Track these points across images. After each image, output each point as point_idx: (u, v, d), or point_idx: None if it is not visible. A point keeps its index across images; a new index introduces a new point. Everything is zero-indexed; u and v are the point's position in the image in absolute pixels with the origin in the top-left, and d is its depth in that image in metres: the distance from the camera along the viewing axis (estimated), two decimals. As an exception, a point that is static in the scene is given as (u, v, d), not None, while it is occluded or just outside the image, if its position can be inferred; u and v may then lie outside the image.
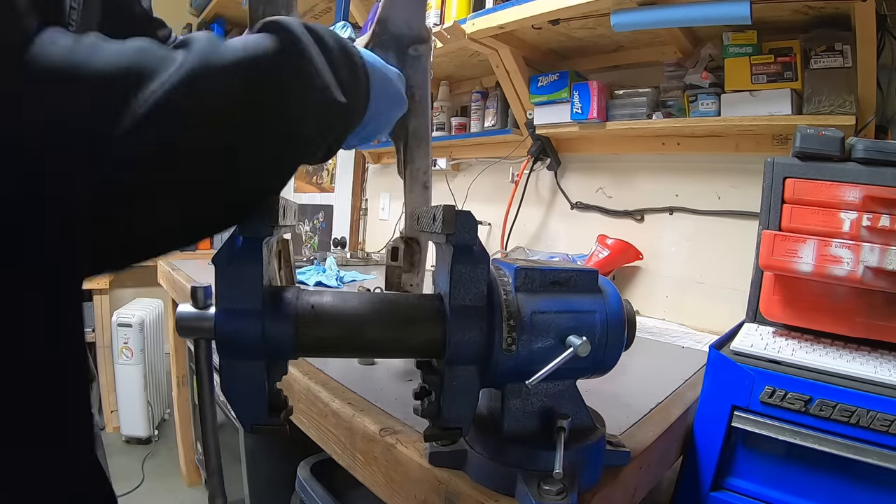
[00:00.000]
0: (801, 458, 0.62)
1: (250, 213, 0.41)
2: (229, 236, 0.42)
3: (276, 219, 0.42)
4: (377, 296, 0.48)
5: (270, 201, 0.42)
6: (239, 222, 0.41)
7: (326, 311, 0.46)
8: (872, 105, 1.01)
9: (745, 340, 0.71)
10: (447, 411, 0.46)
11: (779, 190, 0.82)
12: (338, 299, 0.47)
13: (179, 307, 0.42)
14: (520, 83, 1.50)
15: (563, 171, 1.64)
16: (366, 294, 0.48)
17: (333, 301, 0.46)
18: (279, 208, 0.42)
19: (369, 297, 0.48)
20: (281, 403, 0.47)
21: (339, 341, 0.46)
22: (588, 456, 0.50)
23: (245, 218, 0.41)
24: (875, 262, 0.68)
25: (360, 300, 0.47)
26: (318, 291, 0.48)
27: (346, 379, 0.75)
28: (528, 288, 0.49)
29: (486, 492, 0.49)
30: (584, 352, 0.45)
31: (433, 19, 1.57)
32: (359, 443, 0.63)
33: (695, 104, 1.20)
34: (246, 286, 0.42)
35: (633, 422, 0.65)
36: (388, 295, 0.49)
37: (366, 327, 0.46)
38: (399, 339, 0.47)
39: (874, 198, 0.74)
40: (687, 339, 1.13)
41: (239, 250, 0.41)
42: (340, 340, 0.46)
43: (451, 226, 0.43)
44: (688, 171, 1.36)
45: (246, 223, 0.41)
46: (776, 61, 1.08)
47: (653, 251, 1.41)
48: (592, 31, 1.32)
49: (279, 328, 0.43)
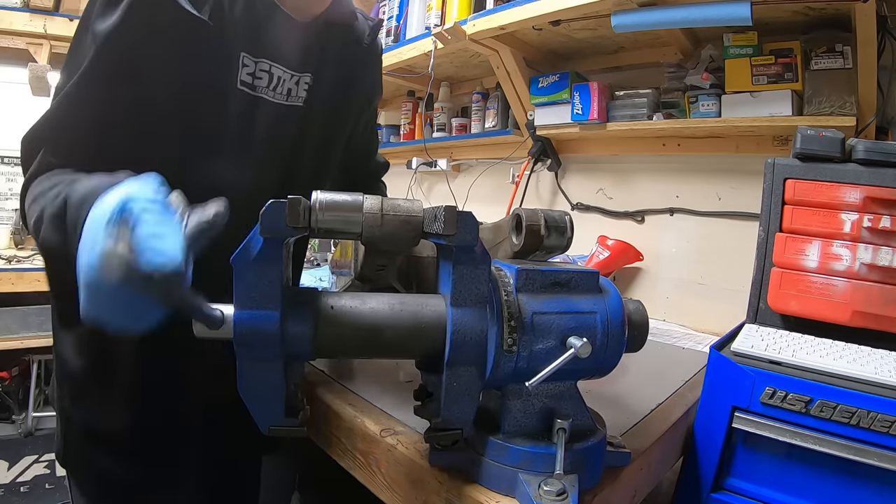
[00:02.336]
0: (802, 459, 0.62)
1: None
2: (248, 237, 0.42)
3: (297, 220, 0.41)
4: (394, 297, 0.48)
5: (292, 202, 0.41)
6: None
7: (346, 312, 0.45)
8: (873, 106, 1.01)
9: (745, 341, 0.71)
10: (448, 412, 0.46)
11: (779, 191, 0.82)
12: (356, 301, 0.46)
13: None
14: (520, 84, 1.50)
15: (564, 172, 1.64)
16: (383, 295, 0.48)
17: (352, 302, 0.46)
18: (300, 210, 0.41)
19: (387, 299, 0.47)
20: (298, 405, 0.47)
21: (357, 342, 0.46)
22: (589, 457, 0.50)
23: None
24: (870, 259, 0.73)
25: (377, 301, 0.47)
26: (337, 293, 0.48)
27: (346, 379, 0.75)
28: (528, 289, 0.49)
29: (486, 493, 0.49)
30: (584, 353, 0.45)
31: (434, 20, 1.57)
32: (359, 443, 0.63)
33: (695, 105, 1.20)
34: (266, 287, 0.41)
35: (633, 423, 0.65)
36: (402, 296, 0.48)
37: (384, 328, 0.46)
38: (416, 339, 0.47)
39: (875, 199, 0.75)
40: (687, 340, 1.13)
41: (259, 251, 0.41)
42: (359, 342, 0.46)
43: (453, 227, 0.43)
44: (688, 172, 1.36)
45: (265, 224, 0.40)
46: (777, 62, 1.08)
47: (653, 252, 1.41)
48: (593, 31, 1.33)
49: (298, 329, 0.43)
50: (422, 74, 1.67)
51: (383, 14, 1.81)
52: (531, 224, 0.54)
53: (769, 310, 0.82)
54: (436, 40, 1.47)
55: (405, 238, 0.46)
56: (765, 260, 0.83)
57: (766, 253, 0.83)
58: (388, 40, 1.77)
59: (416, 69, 1.70)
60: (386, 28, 1.78)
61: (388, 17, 1.78)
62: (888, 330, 0.72)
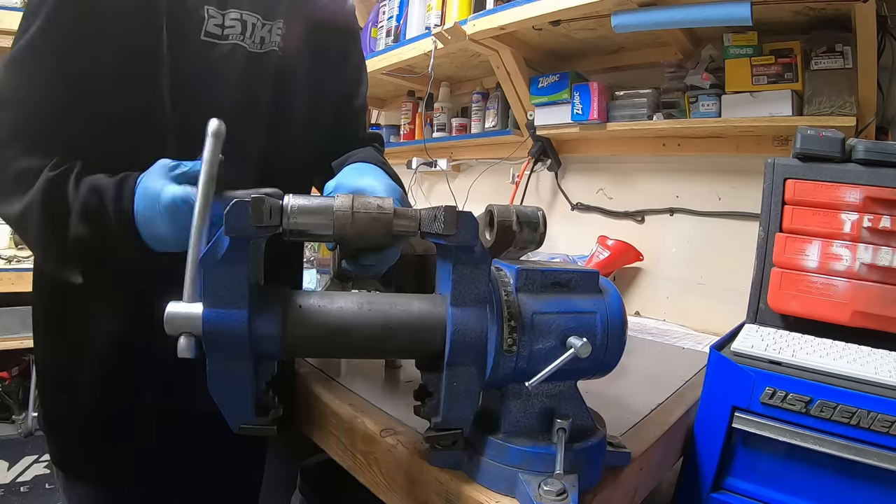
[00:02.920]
0: (802, 459, 0.62)
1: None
2: (216, 236, 0.42)
3: (260, 219, 0.41)
4: (366, 296, 0.48)
5: (255, 201, 0.41)
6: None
7: (314, 311, 0.45)
8: (873, 106, 1.01)
9: (745, 341, 0.71)
10: (448, 412, 0.46)
11: (779, 191, 0.82)
12: (325, 300, 0.46)
13: (169, 304, 0.42)
14: (520, 84, 1.50)
15: (564, 172, 1.64)
16: (353, 294, 0.48)
17: (321, 301, 0.46)
18: (265, 209, 0.42)
19: (356, 298, 0.47)
20: (269, 403, 0.47)
21: (325, 342, 0.46)
22: (589, 457, 0.50)
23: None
24: (870, 259, 0.73)
25: (347, 301, 0.47)
26: (307, 292, 0.47)
27: (346, 379, 0.75)
28: (529, 289, 0.49)
29: (486, 493, 0.49)
30: (584, 353, 0.45)
31: (434, 20, 1.57)
32: (359, 444, 0.63)
33: (695, 105, 1.20)
34: (233, 286, 0.42)
35: (633, 423, 0.65)
36: (373, 296, 0.48)
37: (351, 329, 0.46)
38: (385, 339, 0.46)
39: (875, 199, 0.75)
40: (687, 340, 1.13)
41: (226, 250, 0.41)
42: (327, 341, 0.46)
43: (453, 227, 0.43)
44: (688, 172, 1.36)
45: (230, 224, 0.41)
46: (777, 62, 1.08)
47: (653, 252, 1.41)
48: (593, 31, 1.33)
49: (266, 328, 0.43)
50: (422, 74, 1.67)
51: (383, 14, 1.81)
52: (503, 220, 0.53)
53: (769, 310, 0.82)
54: (436, 40, 1.47)
55: (376, 235, 0.47)
56: (765, 260, 0.84)
57: (766, 253, 0.83)
58: (388, 40, 1.77)
59: (416, 69, 1.70)
60: (386, 28, 1.79)
61: (388, 17, 1.78)
62: (888, 330, 0.72)
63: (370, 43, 1.87)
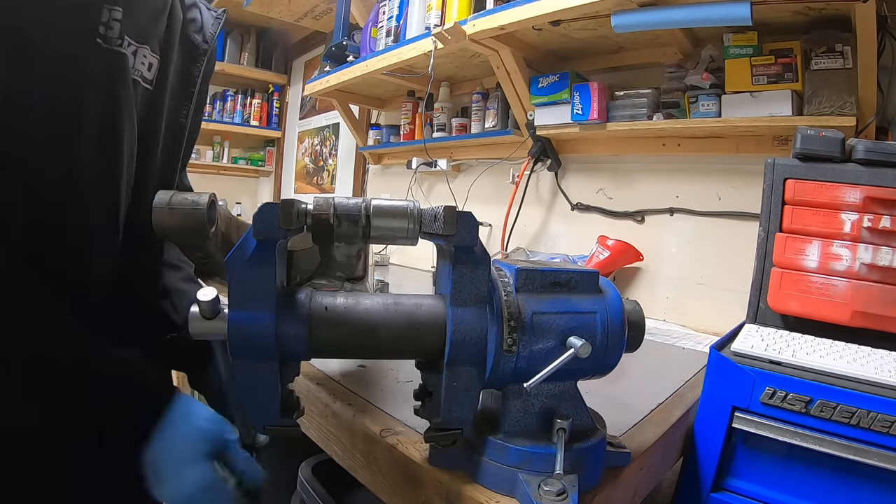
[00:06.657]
0: (802, 459, 0.62)
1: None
2: (242, 239, 0.42)
3: (289, 222, 0.42)
4: (388, 296, 0.48)
5: (284, 204, 0.42)
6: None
7: (340, 312, 0.46)
8: (873, 106, 1.01)
9: (745, 341, 0.71)
10: (447, 412, 0.46)
11: (779, 191, 0.82)
12: (350, 301, 0.47)
13: (192, 308, 0.42)
14: (520, 84, 1.50)
15: (564, 172, 1.64)
16: (377, 295, 0.48)
17: (346, 302, 0.46)
18: (293, 212, 0.42)
19: (381, 299, 0.48)
20: (293, 405, 0.47)
21: (351, 343, 0.46)
22: (589, 457, 0.50)
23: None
24: (870, 259, 0.73)
25: (372, 301, 0.47)
26: (332, 293, 0.48)
27: (346, 379, 0.75)
28: (528, 289, 0.49)
29: (486, 493, 0.49)
30: (584, 353, 0.45)
31: (434, 20, 1.57)
32: (359, 443, 0.63)
33: (695, 105, 1.20)
34: (259, 288, 0.42)
35: (633, 423, 0.65)
36: (397, 296, 0.49)
37: (379, 328, 0.46)
38: (411, 339, 0.47)
39: (875, 199, 0.75)
40: (687, 340, 1.13)
41: (252, 253, 0.42)
42: (353, 342, 0.46)
43: (452, 227, 0.43)
44: (688, 172, 1.36)
45: (258, 226, 0.41)
46: (777, 62, 1.08)
47: (653, 252, 1.41)
48: (593, 32, 1.33)
49: (293, 330, 0.44)
50: (422, 74, 1.67)
51: (383, 14, 1.81)
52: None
53: (769, 310, 0.82)
54: (436, 40, 1.47)
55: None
56: (765, 260, 0.84)
57: (766, 253, 0.83)
58: (388, 40, 1.76)
59: (416, 69, 1.70)
60: (386, 28, 1.78)
61: (388, 17, 1.78)
62: (888, 330, 0.72)
63: (370, 43, 1.87)
